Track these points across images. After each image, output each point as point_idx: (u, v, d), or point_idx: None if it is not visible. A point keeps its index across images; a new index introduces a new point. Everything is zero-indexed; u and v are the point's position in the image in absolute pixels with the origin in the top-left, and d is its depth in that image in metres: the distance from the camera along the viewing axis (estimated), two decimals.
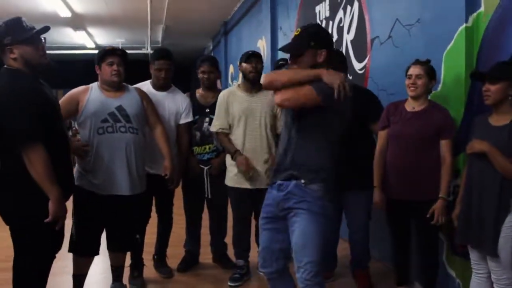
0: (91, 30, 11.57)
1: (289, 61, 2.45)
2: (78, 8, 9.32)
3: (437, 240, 3.07)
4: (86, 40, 12.23)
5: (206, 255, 4.11)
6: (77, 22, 10.33)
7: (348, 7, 4.65)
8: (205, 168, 3.76)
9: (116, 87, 3.16)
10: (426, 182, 2.90)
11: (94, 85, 3.19)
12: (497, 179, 2.41)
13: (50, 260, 2.60)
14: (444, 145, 2.89)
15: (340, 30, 4.87)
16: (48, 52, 2.59)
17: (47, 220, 2.41)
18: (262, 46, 7.69)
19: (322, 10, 5.32)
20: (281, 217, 2.44)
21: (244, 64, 3.54)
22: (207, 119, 3.76)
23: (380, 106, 3.31)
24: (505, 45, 2.72)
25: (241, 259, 3.70)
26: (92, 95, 3.11)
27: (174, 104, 3.65)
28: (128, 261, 3.58)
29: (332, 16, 5.07)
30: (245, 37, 9.11)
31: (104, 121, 3.05)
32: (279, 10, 6.94)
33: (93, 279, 3.35)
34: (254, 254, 3.74)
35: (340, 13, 4.86)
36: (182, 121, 3.67)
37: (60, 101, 3.06)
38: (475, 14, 2.93)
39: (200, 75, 3.89)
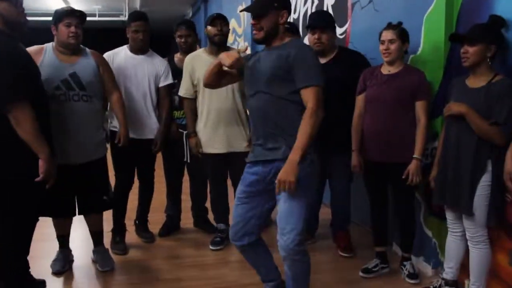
0: None
1: (251, 22, 2.42)
2: None
3: (413, 201, 3.14)
4: (61, 6, 11.88)
5: (187, 219, 4.14)
6: None
7: None
8: (184, 132, 3.75)
9: (72, 49, 3.04)
10: (402, 144, 2.94)
11: (49, 46, 3.05)
12: (474, 140, 2.47)
13: (34, 223, 2.60)
14: (419, 106, 2.92)
15: None
16: None
17: (38, 178, 2.40)
18: (242, 12, 7.58)
19: None
20: (265, 190, 2.45)
21: (209, 27, 3.47)
22: None
23: None
24: (484, 8, 2.72)
25: (222, 223, 3.74)
26: (46, 58, 2.98)
27: (153, 67, 3.61)
28: (109, 226, 3.60)
29: None
30: (225, 3, 8.95)
31: (57, 88, 2.95)
32: None
33: (75, 245, 3.39)
34: None
35: None
36: (162, 83, 3.63)
37: None
38: None
39: (177, 39, 3.85)
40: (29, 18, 2.61)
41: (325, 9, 4.72)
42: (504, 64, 2.58)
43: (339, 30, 4.44)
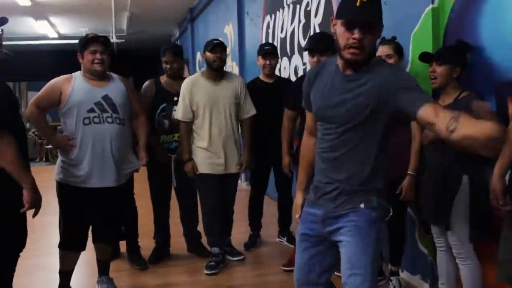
0: (53, 19, 11.23)
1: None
2: None
3: (404, 217, 3.12)
4: (48, 30, 11.88)
5: (181, 244, 4.08)
6: (38, 11, 10.00)
7: None
8: (173, 156, 3.73)
9: (99, 76, 3.06)
10: (396, 162, 2.93)
11: (77, 74, 3.08)
12: (450, 157, 2.54)
13: (15, 259, 2.51)
14: (413, 124, 2.92)
15: (307, 14, 4.86)
16: (8, 43, 2.50)
17: (23, 209, 2.35)
18: (229, 32, 7.63)
19: None
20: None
21: (208, 53, 3.55)
22: (175, 107, 3.70)
23: None
24: (470, 25, 2.75)
25: (216, 247, 3.69)
26: (76, 84, 3.01)
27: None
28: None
29: (299, 0, 5.04)
30: (212, 23, 9.00)
31: (90, 111, 2.97)
32: None
33: (75, 274, 3.22)
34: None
35: None
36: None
37: (41, 91, 3.03)
38: None
39: (163, 65, 3.84)
40: (14, 43, 2.60)
41: (312, 28, 4.75)
42: (470, 84, 2.69)
43: None
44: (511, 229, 2.06)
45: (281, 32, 5.59)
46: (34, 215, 2.42)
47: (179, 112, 3.58)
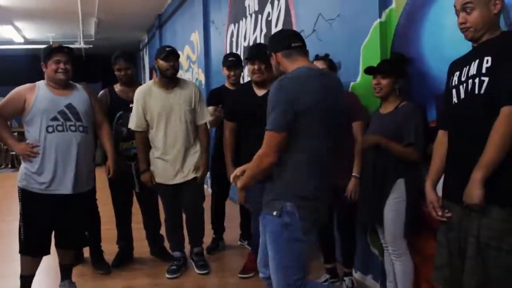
0: (18, 24, 11.12)
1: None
2: (2, 0, 8.92)
3: (352, 219, 3.21)
4: (14, 35, 11.74)
5: (144, 248, 4.16)
6: (3, 15, 9.90)
7: (276, 2, 4.79)
8: (133, 163, 3.80)
9: (63, 84, 3.14)
10: (342, 169, 3.10)
11: (41, 83, 3.15)
12: (383, 163, 2.76)
13: None
14: (355, 127, 3.14)
15: (268, 23, 5.01)
16: None
17: None
18: (195, 39, 7.73)
19: (252, 4, 5.44)
20: None
21: (161, 61, 3.49)
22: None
23: None
24: (414, 37, 2.94)
25: (177, 251, 3.76)
26: (40, 92, 3.08)
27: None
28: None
29: (260, 10, 5.20)
30: (179, 30, 9.09)
31: (54, 119, 3.04)
32: (211, 3, 7.00)
33: (37, 279, 3.28)
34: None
35: (268, 7, 5.00)
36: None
37: (4, 100, 3.09)
38: (387, 10, 3.14)
39: (116, 72, 3.85)
40: None
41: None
42: (411, 94, 2.93)
43: None
44: (445, 236, 2.18)
45: (244, 40, 5.73)
46: None
47: (132, 122, 3.57)
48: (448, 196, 2.16)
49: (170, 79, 3.55)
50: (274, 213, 2.24)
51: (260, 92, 3.36)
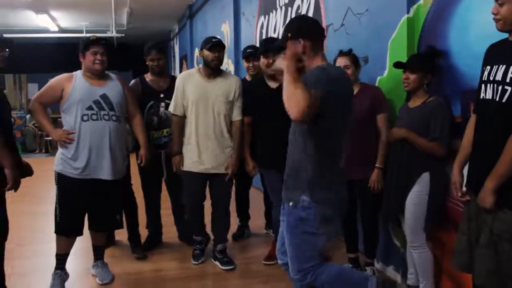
0: (54, 13, 11.41)
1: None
2: None
3: (375, 210, 3.29)
4: (49, 24, 12.05)
5: (172, 233, 4.31)
6: (39, 5, 10.18)
7: None
8: (163, 151, 3.92)
9: (98, 75, 3.29)
10: (366, 161, 3.17)
11: (78, 73, 3.31)
12: (407, 156, 2.84)
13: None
14: (380, 120, 3.21)
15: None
16: (9, 35, 2.73)
17: (8, 186, 2.65)
18: (226, 30, 7.82)
19: None
20: None
21: (206, 52, 3.52)
22: (162, 104, 3.90)
23: None
24: (441, 33, 2.97)
25: (198, 236, 3.83)
26: (77, 82, 3.24)
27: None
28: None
29: (290, 3, 5.26)
30: (210, 20, 9.20)
31: (89, 108, 3.20)
32: None
33: (71, 258, 3.46)
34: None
35: (298, 1, 5.05)
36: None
37: (44, 88, 3.28)
38: (415, 5, 3.17)
39: (149, 63, 3.96)
40: (15, 35, 2.86)
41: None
42: (439, 88, 2.95)
43: None
44: (466, 225, 2.27)
45: (274, 32, 5.80)
46: (16, 189, 2.73)
47: (171, 105, 3.63)
48: (470, 187, 2.28)
49: (213, 70, 3.56)
50: (291, 203, 2.33)
51: (273, 85, 3.45)
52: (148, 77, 4.03)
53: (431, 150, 2.77)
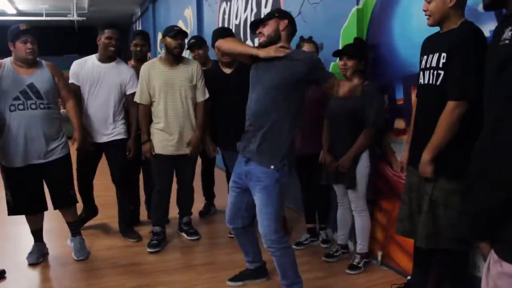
0: None
1: (258, 31, 2.77)
2: None
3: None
4: (6, 6, 11.82)
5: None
6: None
7: None
8: None
9: (29, 63, 3.37)
10: (316, 138, 3.51)
11: (7, 61, 3.35)
12: (352, 137, 3.22)
13: None
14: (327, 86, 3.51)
15: (258, 4, 5.31)
16: None
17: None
18: (189, 15, 7.97)
19: None
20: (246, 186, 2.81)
21: (169, 39, 3.63)
22: None
23: None
24: (387, 24, 3.28)
25: (158, 226, 3.92)
26: (4, 72, 3.28)
27: (119, 76, 3.86)
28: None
29: None
30: (173, 4, 9.28)
31: (16, 98, 3.27)
32: None
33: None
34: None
35: None
36: (130, 91, 3.87)
37: None
38: None
39: (133, 48, 4.18)
40: None
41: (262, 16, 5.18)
42: (381, 75, 3.33)
43: None
44: (407, 195, 2.61)
45: (236, 19, 6.02)
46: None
47: (137, 96, 3.73)
48: (411, 162, 2.62)
49: (175, 57, 3.69)
50: (272, 167, 2.63)
51: (228, 71, 3.77)
52: (130, 63, 4.20)
53: (370, 138, 3.20)
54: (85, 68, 3.85)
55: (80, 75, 3.84)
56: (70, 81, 3.81)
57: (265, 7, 5.13)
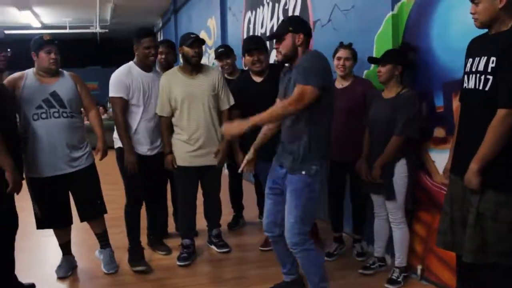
0: (37, 9, 11.39)
1: (274, 46, 2.76)
2: None
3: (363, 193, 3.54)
4: (32, 20, 12.02)
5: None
6: (22, 1, 10.16)
7: None
8: None
9: (52, 73, 3.35)
10: (355, 145, 3.40)
11: (30, 72, 3.33)
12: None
13: (8, 239, 2.96)
14: None
15: (285, 12, 5.24)
16: None
17: (9, 189, 2.77)
18: (212, 25, 7.95)
19: None
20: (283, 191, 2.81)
21: (186, 48, 3.55)
22: None
23: None
24: (424, 29, 3.18)
25: (187, 239, 3.83)
26: (27, 82, 3.26)
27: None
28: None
29: None
30: (195, 15, 9.29)
31: (39, 107, 3.24)
32: None
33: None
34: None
35: None
36: None
37: None
38: (399, 3, 3.38)
39: (158, 56, 4.03)
40: None
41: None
42: (419, 82, 3.24)
43: None
44: (449, 206, 2.48)
45: (261, 28, 5.96)
46: (18, 192, 2.88)
47: (158, 108, 3.62)
48: (453, 171, 2.48)
49: (194, 66, 3.61)
50: (303, 172, 2.66)
51: (258, 79, 3.69)
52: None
53: (397, 147, 3.07)
54: (134, 79, 3.59)
55: (131, 87, 3.56)
56: (118, 95, 3.53)
57: (293, 14, 5.05)
